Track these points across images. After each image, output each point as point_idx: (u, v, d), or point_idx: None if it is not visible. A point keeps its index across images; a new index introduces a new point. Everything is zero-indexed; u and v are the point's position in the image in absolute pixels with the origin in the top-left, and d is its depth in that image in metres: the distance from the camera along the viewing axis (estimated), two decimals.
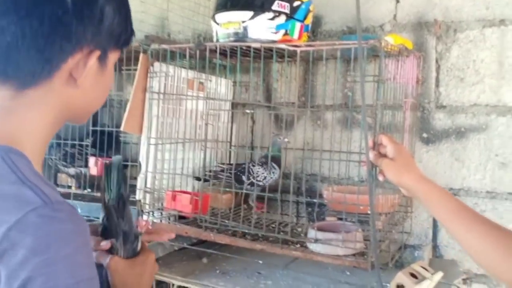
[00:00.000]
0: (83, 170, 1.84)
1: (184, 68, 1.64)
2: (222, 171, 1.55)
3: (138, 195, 1.53)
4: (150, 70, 1.52)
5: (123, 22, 0.70)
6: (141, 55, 1.51)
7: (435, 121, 1.65)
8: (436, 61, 1.65)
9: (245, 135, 2.00)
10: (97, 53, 0.67)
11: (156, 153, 1.54)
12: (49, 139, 0.70)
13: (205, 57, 1.46)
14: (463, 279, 1.56)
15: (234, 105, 1.97)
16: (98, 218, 1.62)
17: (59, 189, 1.83)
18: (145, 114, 1.52)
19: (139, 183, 1.54)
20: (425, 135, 1.67)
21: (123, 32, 0.71)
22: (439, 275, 1.18)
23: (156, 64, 1.52)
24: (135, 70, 1.52)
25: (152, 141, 1.52)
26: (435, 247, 1.63)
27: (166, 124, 1.57)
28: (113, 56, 0.72)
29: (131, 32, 0.73)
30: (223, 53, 1.52)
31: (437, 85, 1.65)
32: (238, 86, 1.96)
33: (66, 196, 1.75)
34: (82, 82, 0.67)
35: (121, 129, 1.51)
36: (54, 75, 0.65)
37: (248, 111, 1.91)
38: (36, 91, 0.65)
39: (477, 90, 1.59)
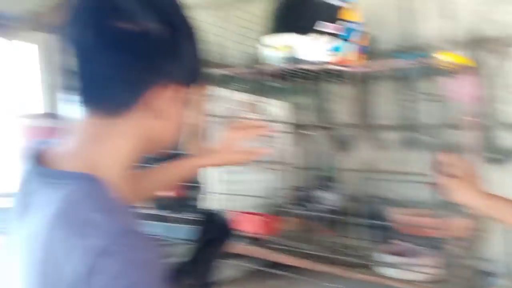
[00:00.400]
0: None
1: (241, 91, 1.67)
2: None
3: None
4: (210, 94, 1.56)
5: (198, 58, 0.72)
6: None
7: (501, 140, 1.60)
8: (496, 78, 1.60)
9: (306, 156, 1.99)
10: (177, 87, 0.69)
11: (221, 174, 1.56)
12: (128, 166, 0.72)
13: (260, 80, 1.48)
14: None
15: (295, 127, 1.98)
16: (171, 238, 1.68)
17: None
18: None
19: (202, 203, 1.56)
20: (489, 155, 1.62)
21: (198, 67, 0.73)
22: None
23: (211, 87, 1.55)
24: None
25: None
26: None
27: None
28: (187, 91, 0.74)
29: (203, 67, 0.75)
30: (278, 76, 1.53)
31: (500, 102, 1.60)
32: (296, 108, 1.97)
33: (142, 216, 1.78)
34: (161, 114, 0.69)
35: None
36: (139, 106, 0.67)
37: (308, 132, 1.90)
38: (123, 121, 0.68)
39: None
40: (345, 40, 1.44)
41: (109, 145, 0.68)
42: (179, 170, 1.05)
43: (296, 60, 1.44)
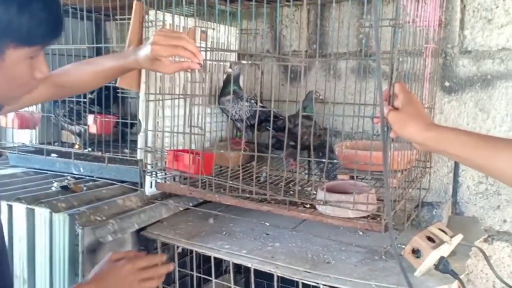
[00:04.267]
0: (83, 128, 1.76)
1: (184, 15, 1.52)
2: None
3: (139, 155, 1.46)
4: (145, 19, 1.41)
5: (26, 19, 0.74)
6: (134, 3, 1.39)
7: (459, 68, 1.52)
8: (461, 1, 1.49)
9: (253, 87, 1.90)
10: (24, 47, 0.76)
11: (156, 109, 1.45)
12: None
13: (205, 3, 1.33)
14: (485, 238, 1.47)
15: (240, 56, 1.86)
16: (101, 178, 1.61)
17: (62, 148, 1.79)
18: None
19: (140, 142, 1.46)
20: (447, 83, 1.54)
21: (25, 29, 0.75)
22: (458, 238, 1.10)
23: (151, 12, 1.40)
24: (130, 19, 1.41)
25: (151, 97, 1.43)
26: (455, 203, 1.55)
27: (166, 79, 1.47)
28: (14, 52, 0.76)
29: (43, 31, 0.77)
30: None
31: (461, 28, 1.51)
32: (244, 34, 1.83)
33: (67, 155, 1.69)
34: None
35: (117, 84, 1.42)
36: None
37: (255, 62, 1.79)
38: None
39: (506, 33, 1.44)
40: None
41: None
42: (106, 66, 1.15)
43: None
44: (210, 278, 1.32)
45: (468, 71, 1.51)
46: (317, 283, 1.08)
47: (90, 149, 1.72)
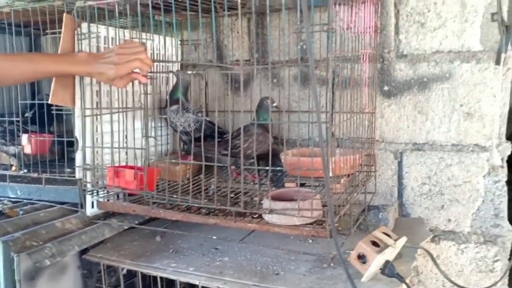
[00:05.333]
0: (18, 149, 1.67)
1: (121, 27, 1.48)
2: None
3: (78, 174, 1.40)
4: (77, 32, 1.35)
5: None
6: (64, 16, 1.34)
7: (396, 72, 1.55)
8: (395, 6, 1.53)
9: (198, 98, 1.87)
10: None
11: (94, 125, 1.40)
12: None
13: (141, 13, 1.29)
14: (432, 238, 1.50)
15: (183, 67, 1.83)
16: (40, 201, 1.53)
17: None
18: (76, 83, 1.36)
19: (78, 160, 1.40)
20: (386, 88, 1.57)
21: None
22: (402, 241, 1.10)
23: (84, 25, 1.35)
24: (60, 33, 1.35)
25: (87, 112, 1.37)
26: (401, 205, 1.57)
27: (103, 93, 1.42)
28: None
29: None
30: (162, 8, 1.36)
31: (396, 33, 1.54)
32: (187, 45, 1.81)
33: (2, 178, 1.60)
34: None
35: (50, 101, 1.35)
36: None
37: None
38: None
39: (439, 36, 1.49)
40: None
41: None
42: (49, 69, 1.16)
43: None
44: None
45: (405, 74, 1.54)
46: None
47: (25, 170, 1.63)
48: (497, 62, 1.40)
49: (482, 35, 1.43)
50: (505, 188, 1.44)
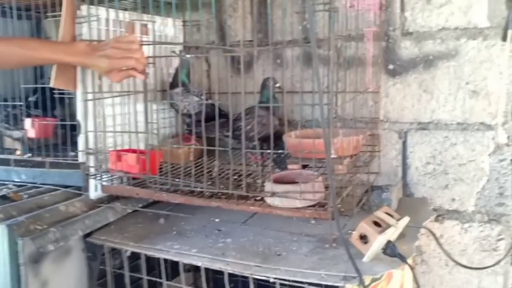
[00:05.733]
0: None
1: (121, 9, 1.46)
2: None
3: (81, 157, 1.40)
4: (77, 15, 1.34)
5: None
6: None
7: (401, 50, 1.53)
8: None
9: (201, 80, 1.86)
10: None
11: (96, 109, 1.39)
12: None
13: None
14: (435, 217, 1.50)
15: (185, 49, 1.81)
16: (44, 184, 1.54)
17: (1, 155, 1.70)
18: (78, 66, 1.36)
19: (80, 144, 1.40)
20: (391, 66, 1.55)
21: None
22: (405, 221, 1.10)
23: (84, 7, 1.34)
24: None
25: (89, 96, 1.37)
26: (405, 185, 1.57)
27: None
28: None
29: None
30: None
31: (402, 10, 1.51)
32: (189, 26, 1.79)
33: (6, 162, 1.61)
34: None
35: (51, 85, 1.35)
36: None
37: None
38: None
39: (445, 12, 1.46)
40: None
41: None
42: (44, 57, 1.16)
43: None
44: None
45: (410, 52, 1.52)
46: (268, 277, 1.07)
47: (30, 154, 1.64)
48: (504, 38, 1.37)
49: (489, 11, 1.40)
50: (511, 167, 1.43)
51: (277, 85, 1.49)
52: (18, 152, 1.74)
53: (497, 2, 1.38)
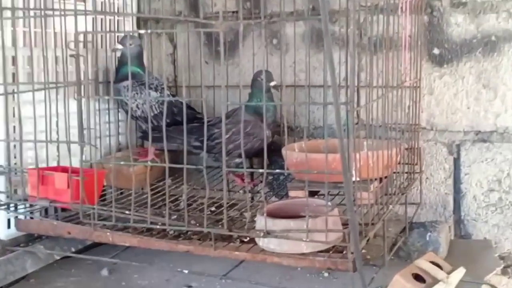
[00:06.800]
0: None
1: None
2: None
3: None
4: None
5: None
6: None
7: (451, 28, 1.56)
8: None
9: (162, 68, 1.86)
10: None
11: (8, 108, 1.39)
12: None
13: None
14: (503, 268, 1.51)
15: (141, 22, 1.83)
16: None
17: None
18: None
19: None
20: (436, 50, 1.58)
21: None
22: (459, 274, 1.11)
23: None
24: None
25: (0, 89, 1.37)
26: (458, 222, 1.59)
27: (22, 60, 1.42)
28: None
29: None
30: None
31: None
32: None
33: None
34: None
35: None
36: None
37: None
38: None
39: None
40: None
41: None
42: None
43: None
44: None
45: (464, 31, 1.54)
46: None
47: None
48: None
49: None
50: None
51: (272, 83, 1.50)
52: None
53: None
